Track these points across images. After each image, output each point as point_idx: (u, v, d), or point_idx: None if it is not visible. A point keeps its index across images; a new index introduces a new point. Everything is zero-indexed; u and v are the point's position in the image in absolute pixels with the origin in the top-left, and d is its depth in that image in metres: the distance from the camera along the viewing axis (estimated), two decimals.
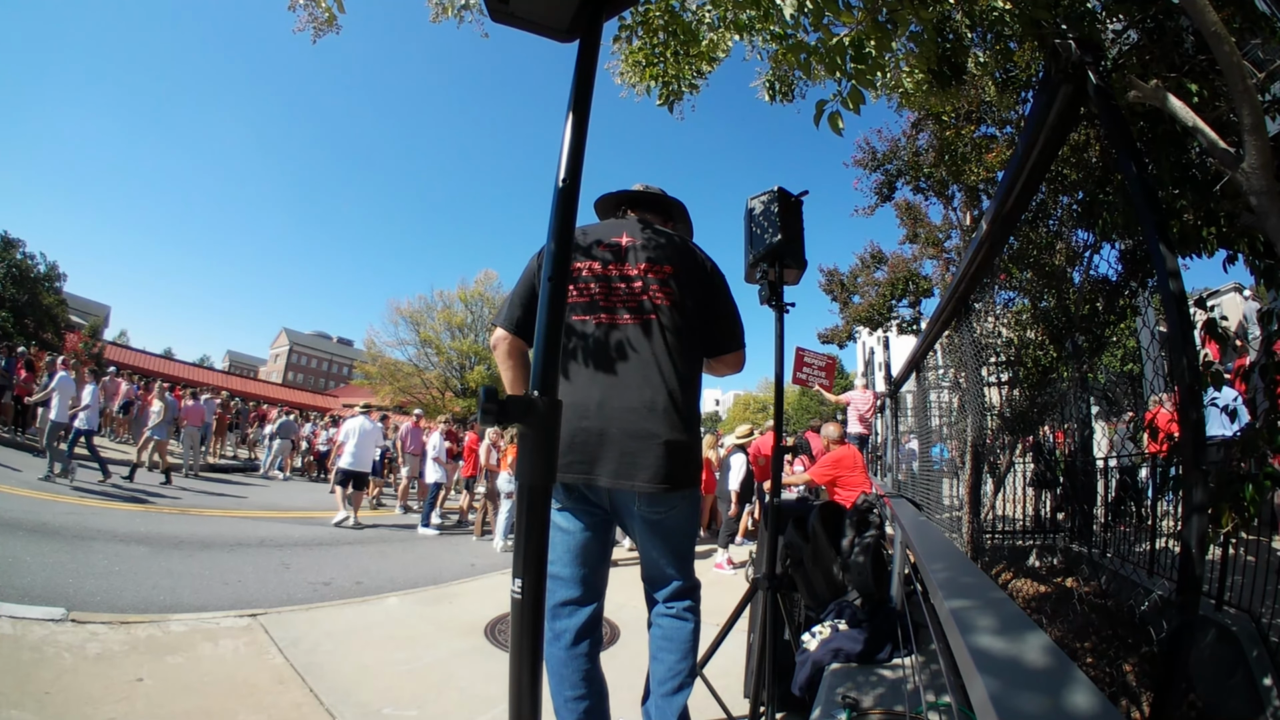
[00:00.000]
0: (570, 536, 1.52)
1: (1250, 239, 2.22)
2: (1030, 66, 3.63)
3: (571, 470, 1.44)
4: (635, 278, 1.57)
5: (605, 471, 1.44)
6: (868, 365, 29.35)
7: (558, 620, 1.51)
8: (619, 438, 1.44)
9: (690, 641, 1.58)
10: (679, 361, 1.54)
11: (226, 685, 2.57)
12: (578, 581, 1.52)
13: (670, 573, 1.59)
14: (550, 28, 0.79)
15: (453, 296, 26.79)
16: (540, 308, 0.72)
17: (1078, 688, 0.59)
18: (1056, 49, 1.80)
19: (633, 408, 1.47)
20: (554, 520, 1.50)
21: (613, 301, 1.56)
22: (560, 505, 1.52)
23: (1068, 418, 4.80)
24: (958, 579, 1.04)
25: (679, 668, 1.54)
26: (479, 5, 2.95)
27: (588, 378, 1.49)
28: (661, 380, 1.50)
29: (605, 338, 1.52)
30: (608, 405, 1.46)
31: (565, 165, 0.73)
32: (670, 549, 1.57)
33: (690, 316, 1.60)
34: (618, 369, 1.50)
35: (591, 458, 1.44)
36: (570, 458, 1.44)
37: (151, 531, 5.45)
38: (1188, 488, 1.31)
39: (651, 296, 1.56)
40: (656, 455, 1.45)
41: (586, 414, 1.45)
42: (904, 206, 10.26)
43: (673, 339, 1.54)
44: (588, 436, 1.44)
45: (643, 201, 1.85)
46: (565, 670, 1.48)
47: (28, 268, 18.95)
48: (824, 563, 2.43)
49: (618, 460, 1.44)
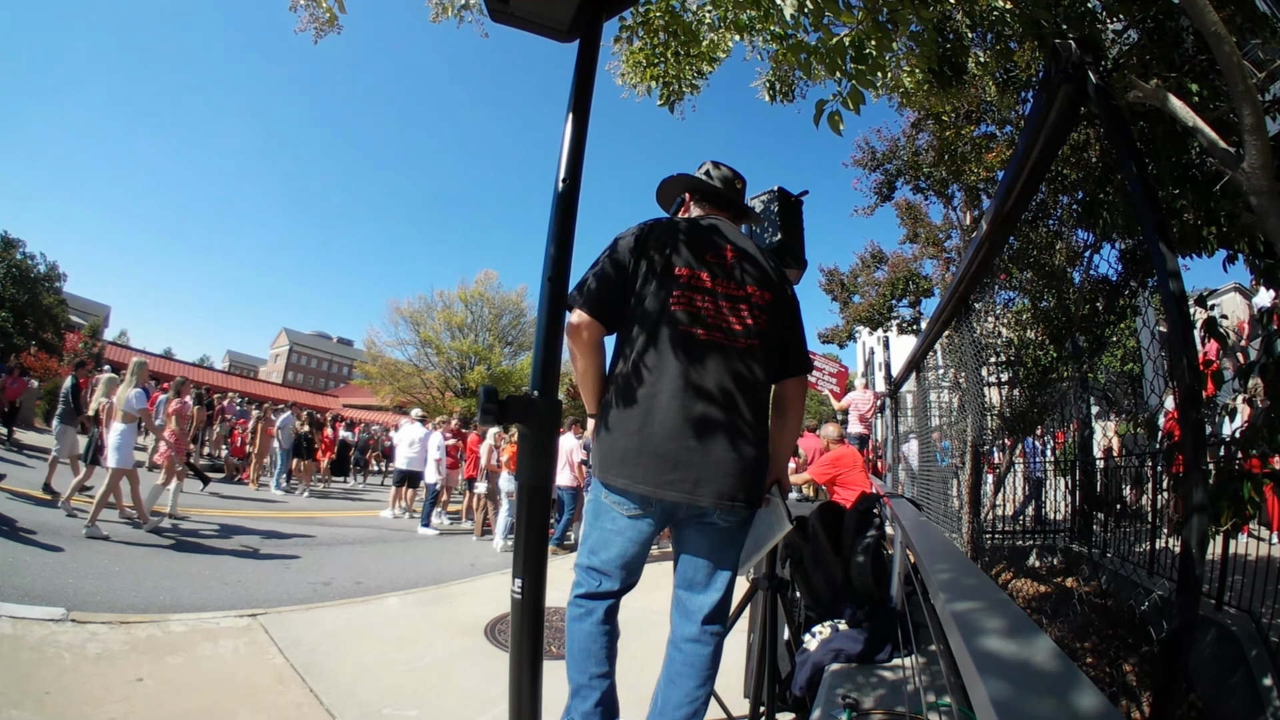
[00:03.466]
0: (633, 546, 1.51)
1: (1250, 239, 2.22)
2: (1030, 66, 3.63)
3: (674, 488, 1.43)
4: (742, 299, 1.56)
5: (709, 490, 1.44)
6: (868, 365, 29.34)
7: (592, 601, 1.51)
8: (724, 458, 1.45)
9: (712, 667, 1.55)
10: (765, 388, 1.59)
11: (226, 685, 2.57)
12: (621, 581, 1.53)
13: (721, 584, 1.58)
14: (550, 28, 0.79)
15: (453, 296, 26.77)
16: (540, 308, 0.72)
17: (1078, 689, 0.59)
18: (1057, 49, 1.79)
19: (737, 429, 1.48)
20: (621, 527, 1.49)
21: (719, 319, 1.53)
22: (636, 513, 1.49)
23: (1068, 418, 4.80)
24: (958, 580, 1.04)
25: (696, 694, 1.51)
26: (479, 5, 2.95)
27: (690, 396, 1.46)
28: (755, 404, 1.53)
29: (710, 357, 1.49)
30: (714, 425, 1.46)
31: (565, 165, 0.74)
32: (731, 560, 1.58)
33: (775, 344, 1.62)
34: (722, 389, 1.48)
35: (695, 478, 1.43)
36: (674, 475, 1.43)
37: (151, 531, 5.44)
38: (1188, 488, 1.31)
39: (757, 323, 1.56)
40: (752, 475, 1.50)
41: (690, 434, 1.44)
42: (904, 206, 10.27)
43: (764, 365, 1.57)
44: (692, 455, 1.43)
45: (720, 199, 1.78)
46: (594, 645, 1.47)
47: (28, 268, 18.95)
48: (824, 563, 2.43)
49: (719, 480, 1.45)
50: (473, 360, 25.93)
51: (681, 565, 1.60)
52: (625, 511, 1.48)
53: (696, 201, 1.80)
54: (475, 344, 26.13)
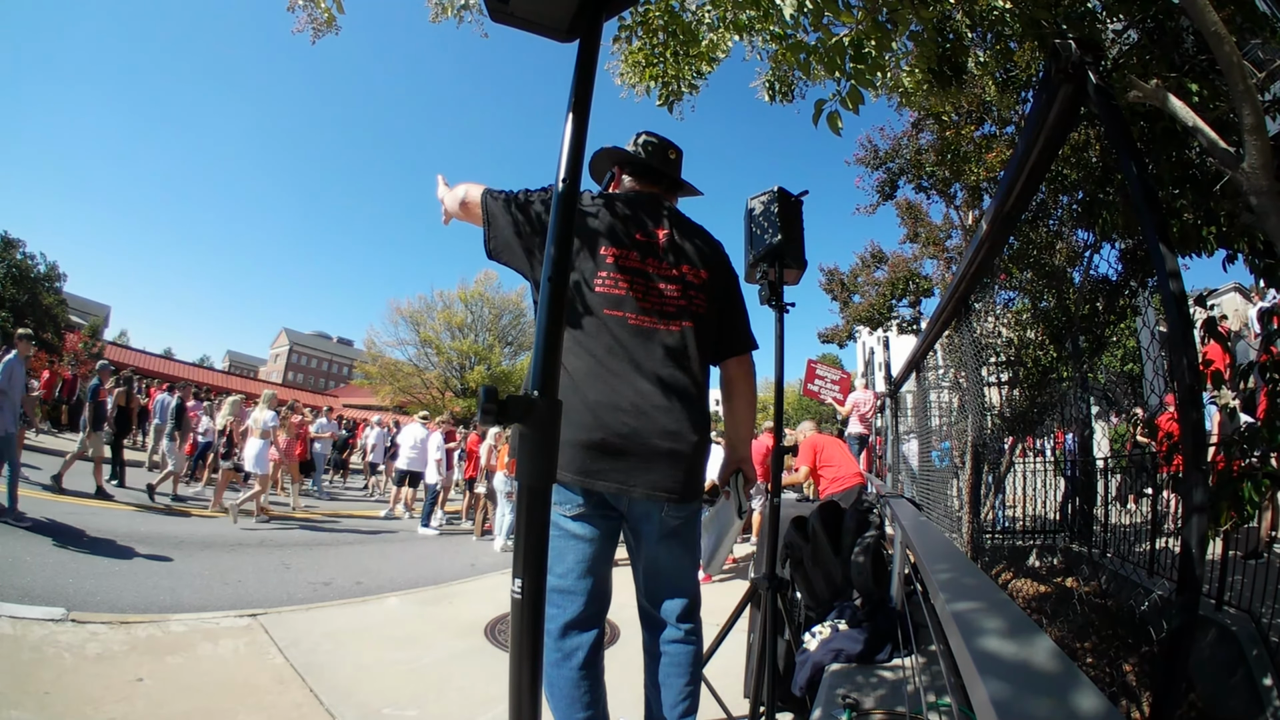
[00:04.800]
0: (587, 546, 1.42)
1: (1250, 239, 2.22)
2: (1030, 66, 3.63)
3: (604, 478, 1.37)
4: (675, 280, 1.48)
5: (641, 481, 1.37)
6: (868, 365, 29.35)
7: (568, 639, 1.39)
8: (656, 448, 1.38)
9: (697, 663, 1.53)
10: (702, 371, 1.51)
11: (226, 685, 2.57)
12: (588, 595, 1.42)
13: (685, 585, 1.53)
14: (550, 28, 0.79)
15: (453, 296, 26.82)
16: (540, 308, 0.72)
17: (1079, 689, 0.59)
18: (1056, 49, 1.79)
19: (669, 418, 1.40)
20: (568, 529, 1.41)
21: (650, 302, 1.45)
22: (578, 512, 1.41)
23: (1068, 418, 4.80)
24: (958, 580, 1.04)
25: (687, 690, 1.49)
26: (479, 5, 2.95)
27: (619, 383, 1.39)
28: (692, 388, 1.46)
29: (640, 340, 1.42)
30: (645, 414, 1.38)
31: (565, 166, 0.73)
32: (690, 558, 1.53)
33: (713, 324, 1.55)
34: (652, 376, 1.41)
35: (627, 467, 1.37)
36: (602, 465, 1.36)
37: (152, 531, 5.45)
38: (1188, 488, 1.30)
39: (690, 304, 1.49)
40: (689, 464, 1.43)
41: (619, 422, 1.37)
42: (904, 206, 10.26)
43: (699, 347, 1.50)
44: (623, 444, 1.37)
45: (652, 173, 1.67)
46: (577, 692, 1.38)
47: (28, 268, 18.98)
48: (824, 563, 2.43)
49: (654, 470, 1.38)
50: (473, 360, 25.96)
51: (641, 578, 1.54)
52: (566, 512, 1.41)
53: (629, 175, 1.69)
54: (475, 344, 26.17)
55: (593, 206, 1.51)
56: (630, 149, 1.68)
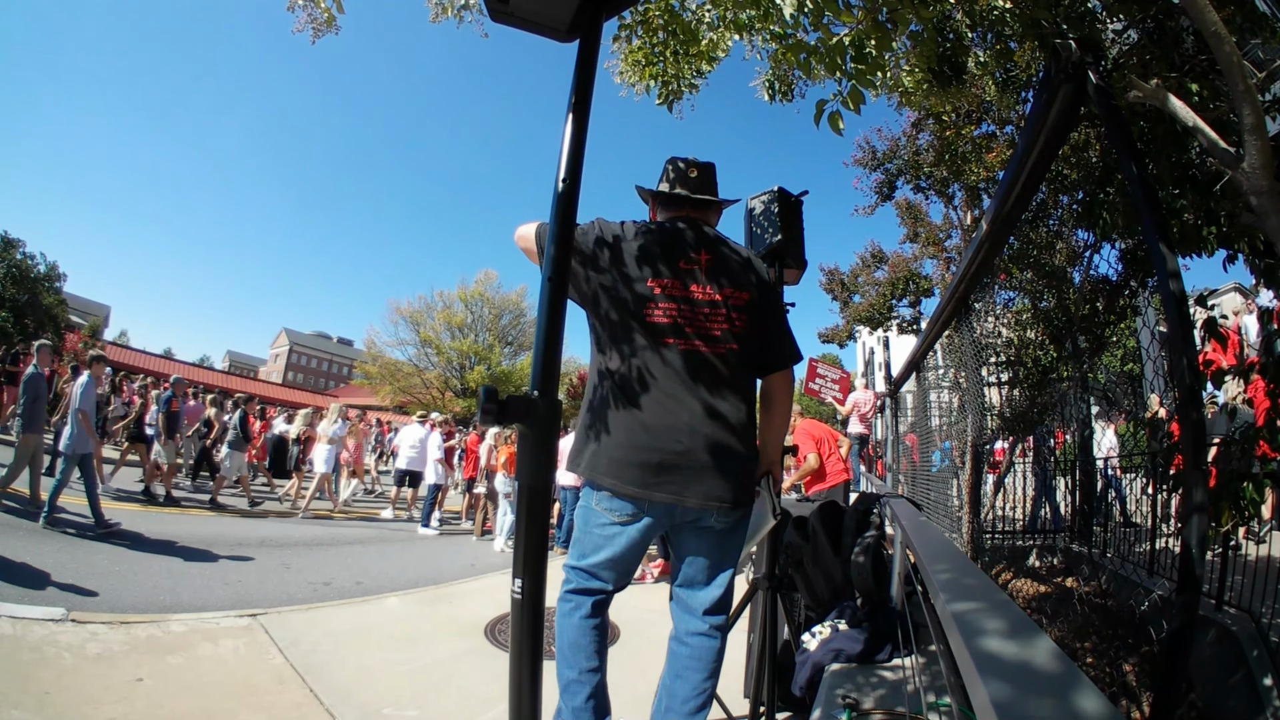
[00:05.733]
0: (627, 550, 1.53)
1: (1250, 239, 2.22)
2: (1030, 66, 3.63)
3: (661, 489, 1.47)
4: (719, 304, 1.58)
5: (694, 492, 1.48)
6: (868, 365, 29.35)
7: (578, 596, 1.53)
8: (708, 464, 1.49)
9: (717, 660, 1.59)
10: (749, 387, 1.62)
11: (226, 685, 2.57)
12: (613, 581, 1.56)
13: (721, 581, 1.61)
14: (550, 28, 0.79)
15: (453, 296, 26.83)
16: (540, 308, 0.72)
17: (1079, 689, 0.59)
18: (1057, 49, 1.80)
19: (720, 433, 1.51)
20: (615, 533, 1.52)
21: (698, 327, 1.56)
22: (626, 519, 1.51)
23: (1068, 418, 4.80)
24: (958, 580, 1.04)
25: (703, 686, 1.55)
26: (479, 5, 2.95)
27: (674, 405, 1.50)
28: (741, 405, 1.56)
29: (691, 365, 1.53)
30: (697, 433, 1.50)
31: (565, 165, 0.73)
32: (730, 559, 1.61)
33: (755, 343, 1.63)
34: (703, 398, 1.52)
35: (682, 479, 1.48)
36: (660, 479, 1.47)
37: (152, 531, 5.45)
38: (1188, 488, 1.31)
39: (734, 326, 1.58)
40: (740, 476, 1.53)
41: (675, 439, 1.48)
42: (904, 206, 10.26)
43: (744, 366, 1.60)
44: (678, 460, 1.48)
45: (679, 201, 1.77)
46: (583, 639, 1.49)
47: (28, 268, 18.98)
48: (824, 563, 2.43)
49: (705, 482, 1.49)
50: (473, 360, 25.96)
51: (682, 568, 1.62)
52: (616, 517, 1.51)
53: (660, 207, 1.81)
54: (475, 344, 26.18)
55: (636, 239, 1.60)
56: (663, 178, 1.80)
